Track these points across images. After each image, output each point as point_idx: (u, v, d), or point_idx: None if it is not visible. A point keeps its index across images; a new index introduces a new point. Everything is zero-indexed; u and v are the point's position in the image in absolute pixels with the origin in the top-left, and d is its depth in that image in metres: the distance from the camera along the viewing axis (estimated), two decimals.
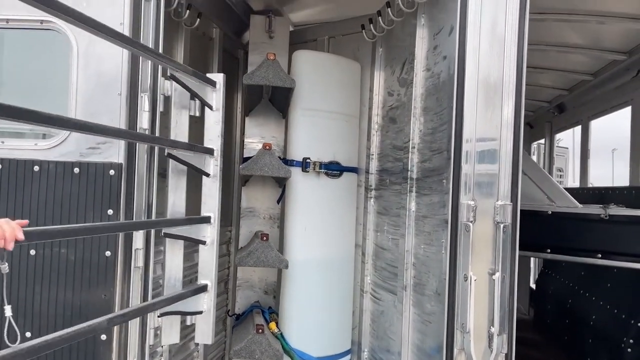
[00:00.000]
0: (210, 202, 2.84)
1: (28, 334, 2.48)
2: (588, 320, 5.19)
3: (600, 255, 4.02)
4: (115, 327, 2.51)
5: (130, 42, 2.30)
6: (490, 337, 2.28)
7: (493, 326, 2.26)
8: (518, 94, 2.34)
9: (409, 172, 3.04)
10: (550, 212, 4.33)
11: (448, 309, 2.36)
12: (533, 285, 7.86)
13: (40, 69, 2.61)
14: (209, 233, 2.79)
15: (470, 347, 2.27)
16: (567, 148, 10.25)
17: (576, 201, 4.32)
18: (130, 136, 2.49)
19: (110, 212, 2.49)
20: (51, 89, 2.56)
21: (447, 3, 2.60)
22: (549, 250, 4.39)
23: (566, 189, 8.36)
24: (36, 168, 2.48)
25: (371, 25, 3.51)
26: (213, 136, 2.87)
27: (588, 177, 6.70)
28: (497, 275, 2.26)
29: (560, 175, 10.51)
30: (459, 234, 2.33)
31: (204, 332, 2.79)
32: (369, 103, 3.78)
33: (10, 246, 1.54)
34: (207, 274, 2.81)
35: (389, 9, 3.23)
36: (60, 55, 2.49)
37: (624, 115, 5.56)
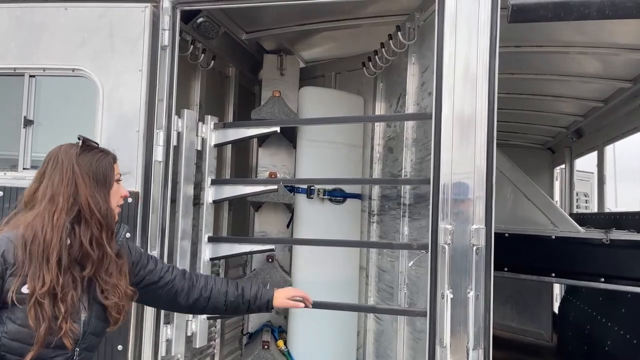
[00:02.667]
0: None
1: None
2: (604, 345, 5.18)
3: (603, 279, 4.10)
4: (131, 338, 2.80)
5: None
6: (467, 352, 2.45)
7: (469, 341, 2.43)
8: (490, 127, 2.55)
9: (402, 199, 3.27)
10: (554, 237, 4.44)
11: (429, 325, 2.55)
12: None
13: (71, 110, 3.01)
14: None
15: None
16: (592, 173, 10.14)
17: (578, 226, 4.42)
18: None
19: (127, 235, 2.81)
20: (80, 127, 2.92)
21: (432, 43, 2.86)
22: (553, 275, 4.48)
23: (584, 214, 8.33)
24: None
25: (370, 63, 3.80)
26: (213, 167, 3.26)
27: (605, 202, 6.70)
28: (472, 293, 2.45)
29: (586, 201, 10.39)
30: (438, 255, 2.54)
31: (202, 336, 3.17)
32: (371, 134, 4.05)
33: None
34: None
35: (383, 49, 3.52)
36: (88, 99, 2.87)
37: None
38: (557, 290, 8.22)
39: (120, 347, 2.77)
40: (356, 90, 4.22)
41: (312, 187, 3.84)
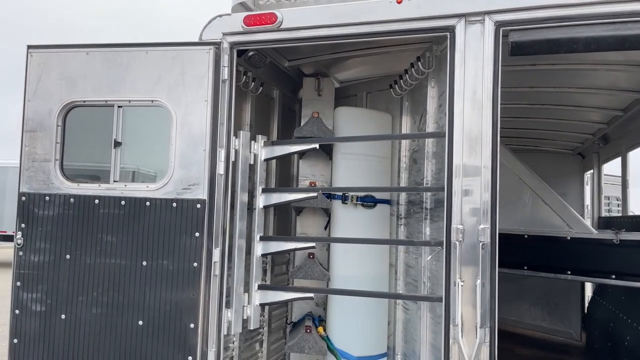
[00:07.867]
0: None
1: (140, 322, 3.49)
2: (624, 341, 5.50)
3: (614, 277, 4.48)
4: (200, 319, 3.45)
5: None
6: (476, 330, 2.96)
7: (477, 321, 2.95)
8: (494, 143, 3.06)
9: (424, 204, 3.80)
10: (569, 238, 4.85)
11: (445, 308, 3.08)
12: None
13: (151, 134, 3.71)
14: None
15: (459, 337, 2.97)
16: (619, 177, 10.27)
17: (591, 227, 4.80)
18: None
19: (197, 234, 3.46)
20: (158, 148, 3.63)
21: (448, 70, 3.39)
22: (569, 272, 4.88)
23: (611, 217, 8.55)
24: (147, 203, 3.53)
25: (396, 85, 4.35)
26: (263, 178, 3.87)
27: (629, 206, 6.98)
28: (479, 282, 2.96)
29: (618, 205, 10.51)
30: (451, 250, 3.06)
31: (255, 320, 3.75)
32: (398, 146, 4.59)
33: None
34: None
35: (407, 74, 4.07)
36: (164, 124, 3.55)
37: None
38: (588, 292, 8.45)
39: (192, 325, 3.42)
40: (385, 107, 4.77)
41: (346, 194, 4.40)
